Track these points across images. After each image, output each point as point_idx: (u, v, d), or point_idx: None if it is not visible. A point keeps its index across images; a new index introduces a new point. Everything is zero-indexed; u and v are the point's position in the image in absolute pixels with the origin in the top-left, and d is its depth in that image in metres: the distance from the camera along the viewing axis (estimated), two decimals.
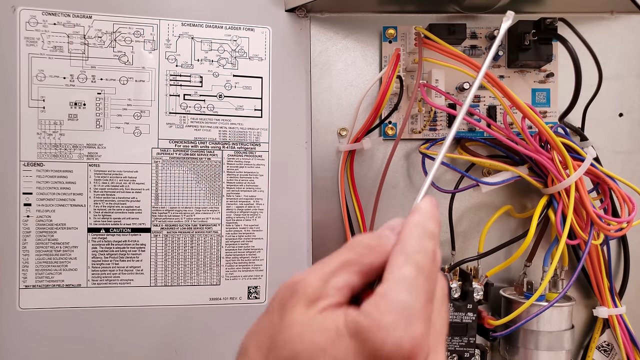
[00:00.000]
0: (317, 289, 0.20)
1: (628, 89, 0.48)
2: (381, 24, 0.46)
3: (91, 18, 0.42)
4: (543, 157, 0.41)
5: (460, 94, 0.46)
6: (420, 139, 0.46)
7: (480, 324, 0.43)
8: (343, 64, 0.46)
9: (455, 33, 0.43)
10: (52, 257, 0.42)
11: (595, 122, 0.47)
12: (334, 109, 0.46)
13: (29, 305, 0.42)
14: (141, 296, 0.43)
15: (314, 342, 0.19)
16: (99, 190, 0.42)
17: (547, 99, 0.47)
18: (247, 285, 0.45)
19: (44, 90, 0.41)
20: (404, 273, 0.20)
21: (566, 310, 0.43)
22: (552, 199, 0.42)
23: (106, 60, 0.42)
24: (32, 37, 0.41)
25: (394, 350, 0.18)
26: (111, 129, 0.43)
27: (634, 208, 0.42)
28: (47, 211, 0.42)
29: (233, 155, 0.44)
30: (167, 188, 0.43)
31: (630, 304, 0.46)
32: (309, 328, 0.19)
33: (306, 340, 0.19)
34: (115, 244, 0.43)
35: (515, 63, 0.46)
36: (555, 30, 0.43)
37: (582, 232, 0.42)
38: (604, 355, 0.47)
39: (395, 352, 0.18)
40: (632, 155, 0.48)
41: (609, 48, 0.47)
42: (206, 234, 0.44)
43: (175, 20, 0.43)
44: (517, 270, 0.47)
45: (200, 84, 0.44)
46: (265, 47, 0.45)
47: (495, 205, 0.47)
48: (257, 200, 0.45)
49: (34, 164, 0.42)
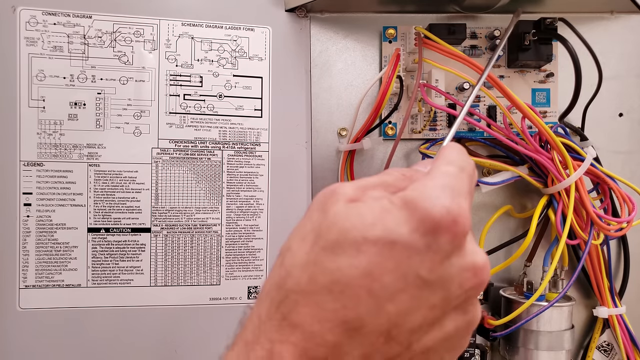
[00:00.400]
0: (355, 192, 0.20)
1: (628, 89, 0.48)
2: (381, 24, 0.46)
3: (91, 18, 0.42)
4: (543, 157, 0.41)
5: (460, 94, 0.46)
6: (420, 139, 0.46)
7: (480, 324, 0.43)
8: (343, 64, 0.46)
9: (455, 33, 0.43)
10: (52, 257, 0.42)
11: (595, 122, 0.47)
12: (334, 109, 0.46)
13: (29, 305, 0.42)
14: (141, 296, 0.43)
15: (362, 218, 0.19)
16: (99, 190, 0.42)
17: (547, 99, 0.47)
18: (247, 285, 0.45)
19: (44, 90, 0.41)
20: (448, 169, 0.21)
21: (566, 310, 0.43)
22: (552, 199, 0.42)
23: (106, 60, 0.42)
24: (32, 37, 0.41)
25: (443, 214, 0.18)
26: (111, 129, 0.43)
27: (634, 208, 0.42)
28: (47, 211, 0.42)
29: (233, 155, 0.44)
30: (167, 188, 0.43)
31: (630, 304, 0.46)
32: (355, 210, 0.19)
33: (353, 218, 0.19)
34: (115, 244, 0.43)
35: (515, 63, 0.46)
36: (555, 30, 0.43)
37: (582, 232, 0.42)
38: (604, 355, 0.47)
39: (444, 216, 0.18)
40: (632, 155, 0.48)
41: (609, 48, 0.47)
42: (206, 234, 0.44)
43: (175, 20, 0.43)
44: (517, 270, 0.47)
45: (200, 84, 0.44)
46: (265, 47, 0.45)
47: (495, 205, 0.47)
48: (257, 200, 0.45)
49: (34, 164, 0.42)
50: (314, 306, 0.19)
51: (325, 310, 0.18)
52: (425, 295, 0.19)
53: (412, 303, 0.18)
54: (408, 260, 0.18)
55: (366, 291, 0.18)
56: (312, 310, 0.18)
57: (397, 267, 0.18)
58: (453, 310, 0.20)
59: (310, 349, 0.18)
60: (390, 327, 0.18)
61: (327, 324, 0.18)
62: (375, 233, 0.18)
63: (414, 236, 0.18)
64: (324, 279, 0.19)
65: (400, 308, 0.18)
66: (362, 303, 0.18)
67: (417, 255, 0.18)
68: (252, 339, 0.20)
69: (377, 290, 0.18)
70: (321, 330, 0.18)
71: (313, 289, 0.19)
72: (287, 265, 0.20)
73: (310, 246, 0.20)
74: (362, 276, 0.18)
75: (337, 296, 0.18)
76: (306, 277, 0.19)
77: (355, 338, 0.18)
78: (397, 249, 0.18)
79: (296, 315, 0.19)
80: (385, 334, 0.18)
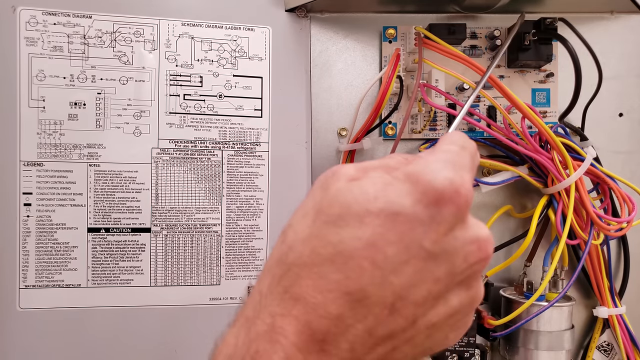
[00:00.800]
0: (357, 172, 0.20)
1: (628, 89, 0.48)
2: (381, 24, 0.46)
3: (91, 18, 0.42)
4: (543, 157, 0.41)
5: (460, 94, 0.46)
6: (420, 139, 0.46)
7: (480, 324, 0.43)
8: (343, 64, 0.46)
9: (455, 33, 0.43)
10: (52, 257, 0.42)
11: (595, 122, 0.47)
12: (334, 109, 0.46)
13: (29, 305, 0.42)
14: (141, 296, 0.43)
15: (364, 192, 0.19)
16: (99, 190, 0.42)
17: (547, 99, 0.47)
18: (247, 285, 0.45)
19: (44, 90, 0.41)
20: (450, 147, 0.21)
21: (566, 310, 0.43)
22: (552, 199, 0.42)
23: (106, 60, 0.42)
24: (32, 37, 0.41)
25: (446, 185, 0.18)
26: (111, 129, 0.43)
27: (634, 208, 0.42)
28: (47, 211, 0.42)
29: (233, 155, 0.44)
30: (167, 188, 0.43)
31: (630, 304, 0.46)
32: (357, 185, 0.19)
33: (356, 192, 0.19)
34: (115, 244, 0.43)
35: (515, 63, 0.46)
36: (555, 30, 0.43)
37: (582, 232, 0.42)
38: (604, 355, 0.47)
39: (447, 187, 0.18)
40: (632, 155, 0.48)
41: (609, 48, 0.47)
42: (206, 234, 0.44)
43: (175, 20, 0.43)
44: (517, 270, 0.47)
45: (200, 84, 0.44)
46: (265, 47, 0.45)
47: (495, 205, 0.47)
48: (257, 200, 0.45)
49: (34, 164, 0.42)
50: (317, 278, 0.18)
51: (328, 281, 0.18)
52: (429, 268, 0.19)
53: (416, 275, 0.18)
54: (411, 232, 0.18)
55: (370, 262, 0.18)
56: (314, 282, 0.18)
57: (400, 239, 0.18)
58: (457, 286, 0.20)
59: (312, 321, 0.18)
60: (394, 300, 0.18)
61: (330, 295, 0.18)
62: (377, 205, 0.18)
63: (417, 207, 0.18)
64: (326, 251, 0.18)
65: (404, 280, 0.18)
66: (366, 274, 0.18)
67: (420, 227, 0.18)
68: (253, 314, 0.20)
69: (381, 262, 0.18)
70: (324, 302, 0.18)
71: (315, 261, 0.19)
72: (289, 241, 0.20)
73: (312, 221, 0.19)
74: (365, 247, 0.18)
75: (340, 267, 0.18)
76: (308, 250, 0.19)
77: (359, 310, 0.18)
78: (400, 221, 0.18)
79: (298, 288, 0.19)
80: (389, 307, 0.18)
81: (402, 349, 0.19)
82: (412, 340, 0.19)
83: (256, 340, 0.19)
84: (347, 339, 0.18)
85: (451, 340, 0.21)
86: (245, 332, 0.19)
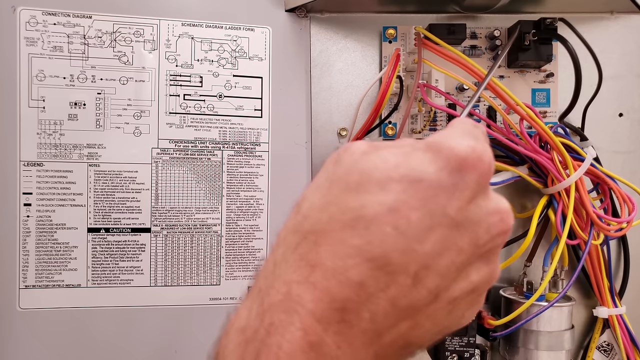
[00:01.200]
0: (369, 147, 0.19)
1: (628, 89, 0.48)
2: (381, 24, 0.46)
3: (91, 18, 0.42)
4: (543, 157, 0.41)
5: (460, 94, 0.46)
6: (420, 139, 0.46)
7: (480, 324, 0.43)
8: (343, 64, 0.46)
9: (455, 33, 0.43)
10: (52, 257, 0.42)
11: (595, 122, 0.47)
12: (334, 109, 0.46)
13: (29, 305, 0.42)
14: (141, 296, 0.43)
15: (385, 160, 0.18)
16: (99, 190, 0.42)
17: (547, 99, 0.47)
18: (247, 285, 0.45)
19: (44, 90, 0.41)
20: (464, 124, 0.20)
21: (566, 310, 0.43)
22: (552, 199, 0.42)
23: (106, 60, 0.42)
24: (32, 37, 0.41)
25: (469, 152, 0.18)
26: (111, 129, 0.43)
27: (634, 208, 0.42)
28: (47, 211, 0.42)
29: (233, 155, 0.44)
30: (167, 188, 0.43)
31: (630, 304, 0.46)
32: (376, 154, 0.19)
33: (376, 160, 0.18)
34: (115, 244, 0.43)
35: (515, 63, 0.45)
36: (555, 30, 0.43)
37: (582, 232, 0.42)
38: (604, 355, 0.47)
39: (470, 154, 0.18)
40: (632, 155, 0.48)
41: (609, 48, 0.47)
42: (206, 234, 0.44)
43: (175, 20, 0.43)
44: (517, 270, 0.47)
45: (200, 84, 0.44)
46: (265, 47, 0.45)
47: None
48: (257, 200, 0.45)
49: (34, 164, 0.42)
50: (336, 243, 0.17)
51: (348, 246, 0.17)
52: (453, 236, 0.18)
53: (440, 243, 0.18)
54: (435, 199, 0.18)
55: (393, 227, 0.17)
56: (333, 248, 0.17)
57: (424, 205, 0.17)
58: (478, 259, 0.19)
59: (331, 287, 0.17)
60: (418, 269, 0.17)
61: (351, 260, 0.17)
62: (400, 172, 0.18)
63: (441, 174, 0.18)
64: (346, 217, 0.18)
65: (428, 248, 0.17)
66: (389, 240, 0.17)
67: (444, 193, 0.18)
68: (266, 285, 0.18)
69: (404, 228, 0.17)
70: (344, 267, 0.17)
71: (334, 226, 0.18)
72: (304, 210, 0.19)
73: (327, 190, 0.19)
74: (388, 212, 0.17)
75: (361, 232, 0.17)
76: (326, 216, 0.18)
77: (381, 277, 0.17)
78: (424, 187, 0.18)
79: (316, 255, 0.17)
80: (413, 275, 0.17)
81: (423, 325, 0.19)
82: (433, 315, 0.19)
83: (270, 311, 0.17)
84: (369, 309, 0.17)
85: (467, 318, 0.20)
86: (259, 303, 0.18)
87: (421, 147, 0.19)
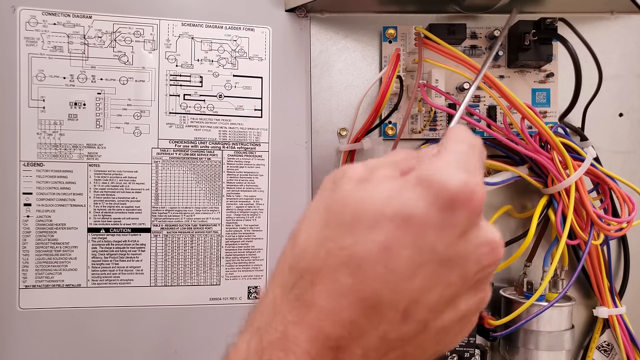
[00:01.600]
0: (365, 173, 0.20)
1: (628, 89, 0.48)
2: (381, 24, 0.46)
3: (91, 18, 0.42)
4: (543, 157, 0.41)
5: (460, 94, 0.46)
6: (420, 139, 0.46)
7: (480, 324, 0.43)
8: (343, 64, 0.46)
9: (455, 33, 0.43)
10: (52, 257, 0.42)
11: (595, 122, 0.47)
12: (334, 109, 0.46)
13: (29, 305, 0.42)
14: (141, 296, 0.43)
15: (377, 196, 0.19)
16: (99, 190, 0.42)
17: (547, 99, 0.47)
18: (247, 285, 0.45)
19: (44, 90, 0.41)
20: (459, 147, 0.20)
21: (566, 310, 0.43)
22: (552, 199, 0.42)
23: (106, 60, 0.42)
24: (32, 37, 0.41)
25: (460, 189, 0.18)
26: (111, 129, 0.43)
27: (634, 208, 0.42)
28: (47, 211, 0.42)
29: (233, 155, 0.44)
30: (167, 188, 0.43)
31: (630, 304, 0.46)
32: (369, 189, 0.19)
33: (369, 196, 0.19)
34: (115, 244, 0.43)
35: (515, 63, 0.46)
36: (555, 30, 0.43)
37: (582, 232, 0.42)
38: (604, 355, 0.47)
39: (460, 191, 0.18)
40: (632, 155, 0.48)
41: (609, 48, 0.47)
42: (206, 234, 0.44)
43: (175, 20, 0.43)
44: (517, 270, 0.47)
45: (200, 84, 0.44)
46: (265, 47, 0.45)
47: (495, 205, 0.47)
48: (257, 200, 0.45)
49: (34, 164, 0.42)
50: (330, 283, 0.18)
51: (341, 286, 0.18)
52: (442, 272, 0.18)
53: (429, 279, 0.18)
54: (424, 236, 0.18)
55: (383, 266, 0.18)
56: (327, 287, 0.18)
57: (414, 243, 0.18)
58: (468, 290, 0.20)
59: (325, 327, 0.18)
60: (407, 304, 0.18)
61: (344, 300, 0.18)
62: (391, 209, 0.18)
63: (430, 211, 0.18)
64: (340, 255, 0.18)
65: (417, 284, 0.18)
66: (380, 278, 0.18)
67: (433, 230, 0.18)
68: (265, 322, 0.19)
69: (395, 266, 0.18)
70: (338, 307, 0.18)
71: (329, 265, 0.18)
72: (301, 245, 0.20)
73: (324, 225, 0.19)
74: (379, 250, 0.18)
75: (354, 272, 0.18)
76: (322, 254, 0.19)
77: (373, 316, 0.18)
78: (414, 224, 0.18)
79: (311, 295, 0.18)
80: (402, 311, 0.18)
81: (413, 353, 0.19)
82: (422, 344, 0.19)
83: (269, 349, 0.18)
84: (361, 345, 0.18)
85: (458, 341, 0.21)
86: (258, 340, 0.19)
87: (412, 181, 0.19)
